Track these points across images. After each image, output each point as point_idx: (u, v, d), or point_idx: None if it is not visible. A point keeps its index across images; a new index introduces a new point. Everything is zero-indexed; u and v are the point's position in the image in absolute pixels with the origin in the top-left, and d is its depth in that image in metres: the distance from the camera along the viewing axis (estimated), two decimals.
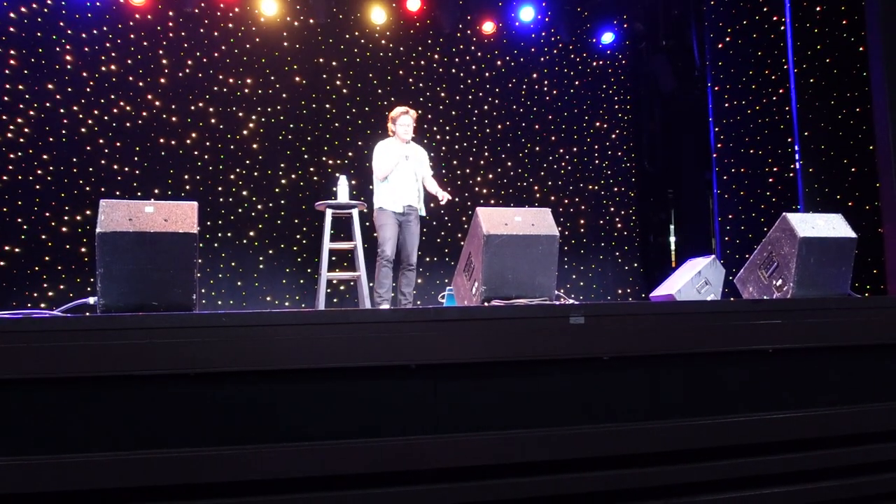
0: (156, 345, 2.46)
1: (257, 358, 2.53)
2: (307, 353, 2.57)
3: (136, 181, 7.31)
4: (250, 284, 7.66)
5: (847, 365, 3.15)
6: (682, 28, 8.69)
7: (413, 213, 5.73)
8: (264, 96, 7.87)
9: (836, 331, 3.13)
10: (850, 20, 6.70)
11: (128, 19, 7.40)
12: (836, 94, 6.77)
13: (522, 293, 3.80)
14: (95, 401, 2.43)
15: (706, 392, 2.96)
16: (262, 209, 7.77)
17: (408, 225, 5.70)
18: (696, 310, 3.13)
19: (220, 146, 7.68)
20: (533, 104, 8.87)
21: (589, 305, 2.90)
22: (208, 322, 2.54)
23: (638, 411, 2.87)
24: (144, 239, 3.11)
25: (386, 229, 5.60)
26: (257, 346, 2.54)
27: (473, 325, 2.75)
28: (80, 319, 2.54)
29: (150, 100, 7.45)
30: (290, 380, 2.57)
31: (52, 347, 2.39)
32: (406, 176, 5.72)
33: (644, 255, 9.09)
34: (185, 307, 3.13)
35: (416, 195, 5.75)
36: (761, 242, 4.30)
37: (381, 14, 8.19)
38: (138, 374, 2.45)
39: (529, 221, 3.90)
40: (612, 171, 9.12)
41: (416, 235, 5.75)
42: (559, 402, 2.80)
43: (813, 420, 3.02)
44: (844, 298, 3.98)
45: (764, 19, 7.55)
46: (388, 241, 5.57)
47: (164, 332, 2.48)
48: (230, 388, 2.53)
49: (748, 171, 7.61)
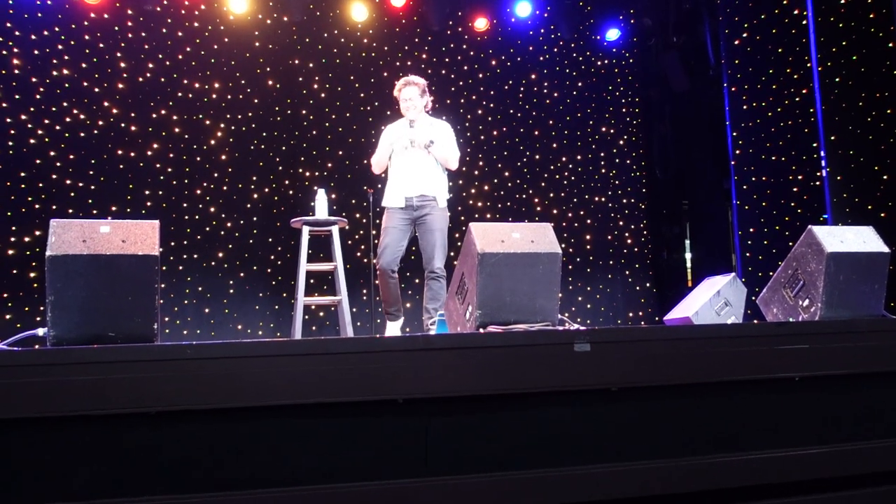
0: (112, 381, 2.44)
1: (227, 394, 2.52)
2: (283, 388, 2.56)
3: (90, 198, 7.30)
4: (219, 311, 7.63)
5: (882, 394, 3.16)
6: (695, 23, 8.78)
7: (428, 206, 5.29)
8: (234, 102, 7.89)
9: (870, 356, 3.15)
10: (878, 13, 6.78)
11: (82, 19, 7.43)
12: (864, 94, 6.84)
13: (522, 318, 3.80)
14: (44, 445, 2.41)
15: (727, 426, 2.96)
16: (232, 227, 7.76)
17: (423, 221, 5.28)
18: (716, 334, 3.13)
19: (185, 158, 7.69)
20: (532, 108, 8.92)
21: (596, 331, 2.90)
22: (171, 354, 2.53)
23: (651, 448, 2.86)
24: (100, 262, 3.10)
25: (386, 234, 5.26)
26: (227, 380, 2.53)
27: (467, 355, 2.75)
28: (27, 353, 2.53)
29: (107, 107, 7.47)
30: (263, 417, 2.56)
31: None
32: (411, 161, 5.32)
33: (657, 274, 9.12)
34: (145, 338, 3.12)
35: (428, 182, 5.32)
36: (785, 258, 4.32)
37: (363, 10, 8.25)
38: (93, 415, 2.43)
39: (529, 238, 3.91)
40: (620, 181, 9.17)
41: (438, 233, 5.28)
42: (564, 440, 2.79)
43: (846, 456, 3.02)
44: (878, 320, 4.00)
45: (784, 13, 7.63)
46: (384, 248, 5.23)
47: (121, 367, 2.47)
48: (196, 428, 2.51)
49: (770, 180, 7.66)
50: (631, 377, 2.86)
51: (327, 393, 2.59)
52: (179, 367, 2.50)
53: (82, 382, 2.43)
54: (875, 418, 3.14)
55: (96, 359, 2.46)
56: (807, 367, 3.05)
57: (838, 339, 3.15)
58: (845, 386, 3.12)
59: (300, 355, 2.61)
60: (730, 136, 7.97)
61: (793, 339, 3.09)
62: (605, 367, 2.84)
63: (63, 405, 2.41)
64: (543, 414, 2.79)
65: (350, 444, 2.62)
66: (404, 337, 2.87)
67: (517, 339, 2.88)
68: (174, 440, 2.50)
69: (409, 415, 2.66)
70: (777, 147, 7.64)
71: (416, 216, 5.30)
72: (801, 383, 3.05)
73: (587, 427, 2.82)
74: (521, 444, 2.76)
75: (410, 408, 2.66)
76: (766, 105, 7.74)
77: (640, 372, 2.87)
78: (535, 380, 2.77)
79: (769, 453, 2.95)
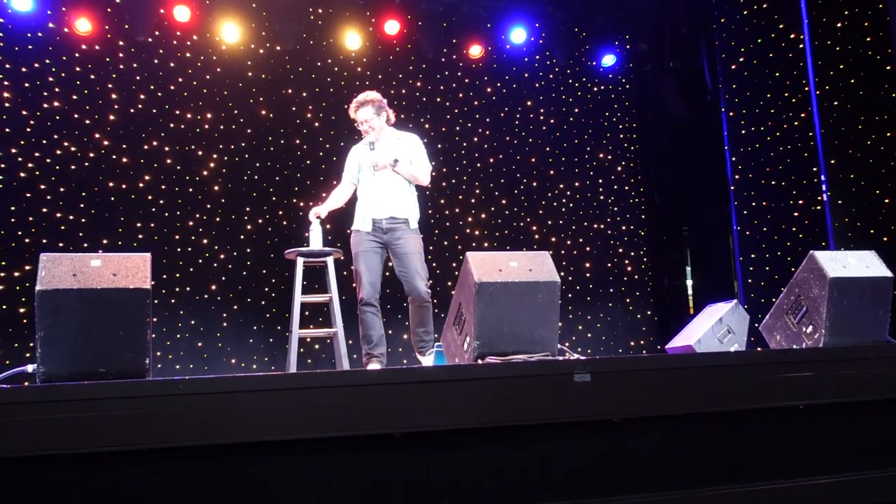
0: (104, 418, 2.44)
1: (220, 430, 2.51)
2: (277, 424, 2.55)
3: (81, 231, 7.31)
4: (212, 345, 7.61)
5: (891, 422, 3.15)
6: (691, 48, 8.87)
7: (399, 229, 5.16)
8: (227, 132, 7.93)
9: (876, 382, 3.15)
10: (875, 37, 6.87)
11: (73, 50, 7.48)
12: (863, 117, 6.90)
13: (520, 348, 3.79)
14: (34, 483, 2.40)
15: (731, 456, 2.95)
16: (225, 259, 7.77)
17: (396, 244, 5.14)
18: (719, 362, 3.14)
19: (177, 189, 7.71)
20: (528, 135, 8.97)
21: (596, 360, 2.91)
22: (164, 390, 2.52)
23: (654, 481, 2.85)
24: (91, 297, 3.11)
25: (359, 261, 5.15)
26: (221, 416, 2.52)
27: (466, 387, 2.75)
28: (16, 391, 2.52)
29: (98, 139, 7.50)
30: (259, 454, 2.55)
31: None
32: (379, 181, 5.22)
33: (658, 302, 9.11)
34: (137, 374, 3.11)
35: (397, 203, 5.19)
36: (788, 284, 4.33)
37: (356, 39, 8.32)
38: (83, 453, 2.42)
39: (527, 266, 3.92)
40: (618, 208, 9.20)
41: (414, 256, 5.12)
42: (566, 473, 2.78)
43: (854, 486, 3.01)
44: (883, 346, 4.00)
45: (780, 37, 7.72)
46: (361, 278, 5.11)
47: (113, 403, 2.46)
48: (190, 465, 2.50)
49: (770, 205, 7.69)
50: (633, 408, 2.86)
51: (323, 428, 2.58)
52: (172, 403, 2.50)
53: (73, 420, 2.42)
54: (883, 447, 3.13)
55: (87, 395, 2.46)
56: (812, 395, 3.06)
57: (843, 365, 3.16)
58: (851, 414, 3.12)
59: (295, 389, 2.61)
60: (729, 161, 8.02)
61: (797, 366, 3.09)
62: (607, 398, 2.83)
63: (53, 444, 2.40)
64: (545, 446, 2.78)
65: (347, 481, 2.60)
66: (401, 369, 2.87)
67: (516, 371, 2.88)
68: (167, 478, 2.48)
69: (407, 449, 2.66)
70: (777, 172, 7.68)
71: (386, 240, 5.16)
72: (806, 412, 3.05)
73: (589, 459, 2.81)
74: (522, 478, 2.75)
75: (408, 442, 2.65)
76: (764, 130, 7.79)
77: (642, 402, 2.87)
78: (535, 411, 2.77)
79: (775, 484, 2.94)
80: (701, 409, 2.94)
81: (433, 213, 8.41)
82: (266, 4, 8.09)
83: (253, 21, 8.02)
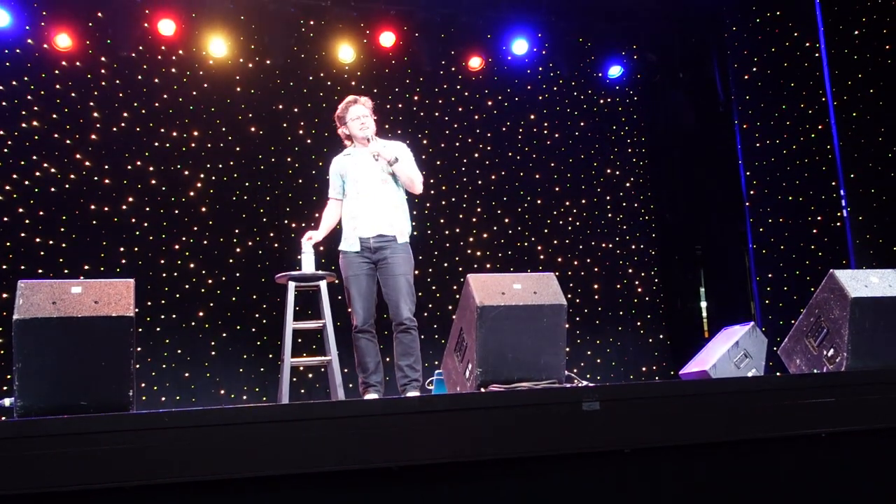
0: (85, 454, 2.43)
1: (208, 466, 2.51)
2: (269, 458, 2.55)
3: (61, 256, 7.31)
4: (200, 376, 7.59)
5: None
6: (702, 58, 8.92)
7: (389, 247, 5.03)
8: (214, 151, 7.96)
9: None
10: (894, 44, 6.91)
11: (52, 67, 7.52)
12: (883, 128, 6.92)
13: (525, 375, 3.79)
14: None
15: (749, 488, 2.94)
16: (213, 284, 7.77)
17: (384, 264, 5.01)
18: (735, 389, 3.14)
19: (162, 211, 7.73)
20: (531, 150, 9.00)
21: (606, 388, 2.91)
22: (149, 423, 2.52)
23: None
24: (71, 325, 3.11)
25: (350, 286, 5.05)
26: (208, 451, 2.52)
27: (468, 417, 2.74)
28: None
29: (79, 160, 7.52)
30: (248, 491, 2.54)
31: None
32: (365, 196, 5.13)
33: (670, 325, 9.10)
34: (120, 406, 3.11)
35: (385, 219, 5.07)
36: (807, 305, 4.33)
37: (350, 51, 8.35)
38: (64, 491, 2.42)
39: (531, 289, 3.93)
40: (627, 226, 9.21)
41: (401, 278, 4.98)
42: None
43: None
44: None
45: (795, 46, 7.76)
46: (353, 304, 5.03)
47: (94, 438, 2.46)
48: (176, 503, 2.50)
49: (788, 222, 7.71)
50: (644, 438, 2.85)
51: (318, 462, 2.58)
52: (157, 438, 2.49)
53: (52, 457, 2.41)
54: None
55: (67, 430, 2.46)
56: (834, 422, 3.05)
57: (867, 390, 3.15)
58: (876, 442, 3.11)
59: (287, 422, 2.61)
60: (743, 176, 8.04)
61: (818, 391, 3.09)
62: (617, 428, 2.83)
63: (32, 481, 2.40)
64: (551, 479, 2.77)
65: None
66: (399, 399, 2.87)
67: (521, 399, 2.87)
68: None
69: (406, 484, 2.65)
70: (794, 187, 7.70)
71: (375, 259, 5.04)
72: (828, 440, 3.04)
73: (598, 492, 2.81)
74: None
75: (407, 476, 2.65)
76: (780, 142, 7.82)
77: (654, 432, 2.86)
78: (541, 442, 2.76)
79: None
80: (717, 438, 2.93)
81: (432, 234, 8.42)
82: (255, 16, 8.12)
83: (241, 34, 8.06)
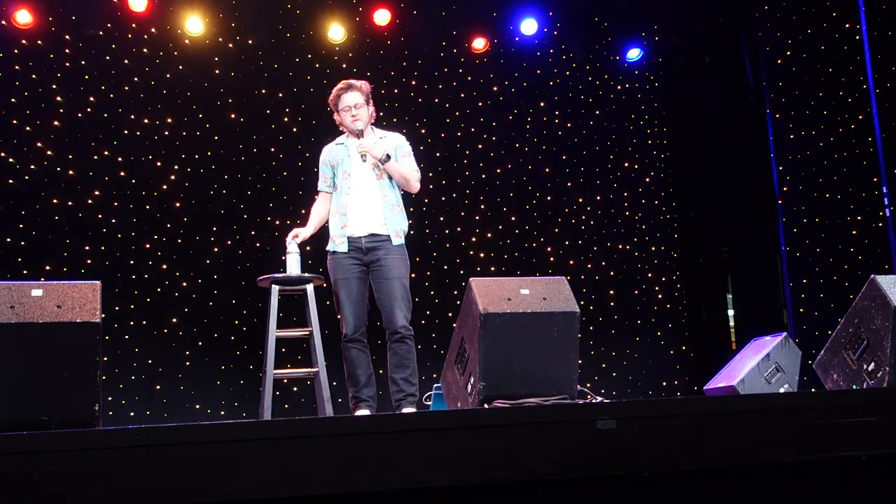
0: (46, 473, 2.43)
1: (182, 489, 2.51)
2: (249, 480, 2.55)
3: (20, 255, 7.31)
4: (173, 388, 7.59)
5: None
6: (730, 40, 8.90)
7: (382, 248, 5.02)
8: (190, 140, 7.95)
9: None
10: None
11: (10, 45, 7.52)
12: None
13: (534, 390, 3.80)
14: None
15: None
16: (188, 287, 7.77)
17: (377, 267, 5.00)
18: (766, 406, 3.14)
19: (132, 206, 7.72)
20: (541, 141, 8.99)
21: (622, 404, 2.91)
22: (116, 441, 2.52)
23: None
24: (31, 332, 3.11)
25: (339, 291, 5.04)
26: (182, 472, 2.52)
27: (469, 435, 2.74)
28: None
29: (40, 148, 7.52)
30: None
31: None
32: (356, 191, 5.11)
33: (694, 335, 9.10)
34: (85, 422, 3.11)
35: (378, 217, 5.06)
36: (846, 314, 4.33)
37: (340, 30, 8.33)
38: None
39: (540, 294, 3.93)
40: (647, 226, 9.20)
41: (396, 281, 4.96)
42: None
43: None
44: None
45: (833, 27, 7.76)
46: (342, 310, 5.01)
47: (56, 457, 2.46)
48: None
49: (824, 222, 7.70)
50: (665, 460, 2.85)
51: (303, 485, 2.58)
52: (125, 456, 2.50)
53: (10, 476, 2.42)
54: None
55: (27, 448, 2.46)
56: (875, 443, 3.05)
57: None
58: None
59: (269, 440, 2.61)
60: (775, 171, 8.03)
61: (857, 410, 3.09)
62: (635, 449, 2.83)
63: None
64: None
65: None
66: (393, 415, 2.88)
67: (529, 417, 2.88)
68: None
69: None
70: (831, 183, 7.69)
71: (367, 260, 5.03)
72: (868, 463, 3.04)
73: None
74: None
75: (401, 501, 2.65)
76: (816, 134, 7.81)
77: (675, 453, 2.86)
78: (551, 465, 2.76)
79: None
80: (744, 461, 2.93)
81: (430, 233, 8.42)
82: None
83: (220, 10, 8.05)
